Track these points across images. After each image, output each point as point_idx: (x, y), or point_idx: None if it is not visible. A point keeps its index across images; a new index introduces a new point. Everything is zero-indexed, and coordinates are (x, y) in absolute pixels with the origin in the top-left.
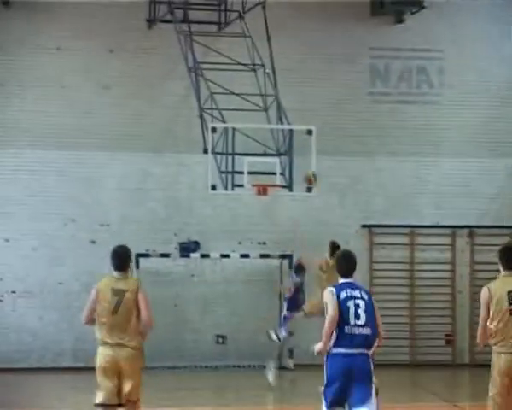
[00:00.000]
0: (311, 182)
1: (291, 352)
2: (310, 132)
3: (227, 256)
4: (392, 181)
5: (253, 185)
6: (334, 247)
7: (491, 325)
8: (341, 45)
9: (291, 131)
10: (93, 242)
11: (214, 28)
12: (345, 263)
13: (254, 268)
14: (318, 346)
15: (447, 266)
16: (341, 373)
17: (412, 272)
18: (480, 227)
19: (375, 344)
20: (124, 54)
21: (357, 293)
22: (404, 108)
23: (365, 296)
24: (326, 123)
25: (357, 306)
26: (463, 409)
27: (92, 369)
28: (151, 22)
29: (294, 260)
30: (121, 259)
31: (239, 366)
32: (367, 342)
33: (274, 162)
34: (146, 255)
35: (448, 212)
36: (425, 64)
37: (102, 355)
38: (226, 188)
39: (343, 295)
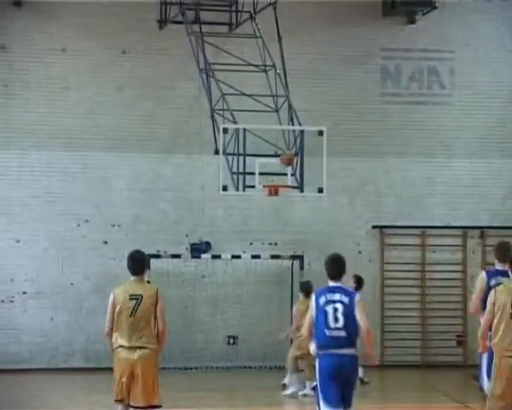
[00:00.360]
0: (290, 162)
1: None
2: (321, 133)
3: (238, 257)
4: (402, 182)
5: (265, 186)
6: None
7: (492, 327)
8: (352, 46)
9: (302, 131)
10: (105, 242)
11: (225, 29)
12: (334, 266)
13: (265, 269)
14: (311, 347)
15: (458, 267)
16: (329, 373)
17: (423, 273)
18: (491, 228)
19: (361, 339)
20: (135, 55)
21: (336, 297)
22: (415, 109)
23: (345, 299)
24: (337, 124)
25: (335, 310)
26: None
27: (103, 369)
28: (162, 23)
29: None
30: (137, 263)
31: (250, 367)
32: (348, 341)
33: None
34: (157, 256)
35: (459, 213)
36: (436, 65)
37: (118, 359)
38: (237, 189)
39: (322, 300)
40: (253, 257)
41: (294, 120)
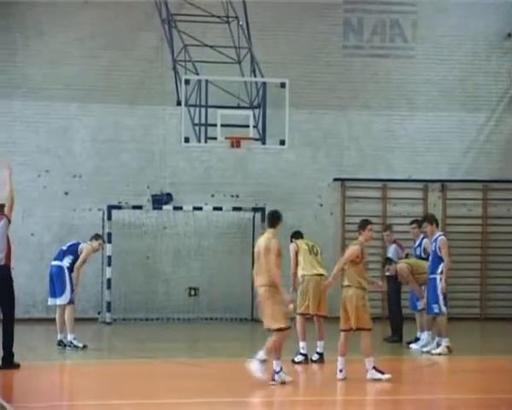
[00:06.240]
0: None
1: None
2: (283, 85)
3: (200, 209)
4: (364, 135)
5: (227, 138)
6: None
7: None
8: None
9: (264, 83)
10: (66, 193)
11: None
12: None
13: (227, 221)
14: None
15: None
16: None
17: (384, 225)
18: (452, 181)
19: None
20: (97, 5)
21: None
22: (378, 62)
23: None
24: (299, 76)
25: None
26: None
27: None
28: None
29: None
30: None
31: (211, 319)
32: None
33: (247, 115)
34: (118, 207)
35: (420, 166)
36: (399, 18)
37: None
38: (199, 140)
39: None
40: (215, 209)
41: (257, 72)
